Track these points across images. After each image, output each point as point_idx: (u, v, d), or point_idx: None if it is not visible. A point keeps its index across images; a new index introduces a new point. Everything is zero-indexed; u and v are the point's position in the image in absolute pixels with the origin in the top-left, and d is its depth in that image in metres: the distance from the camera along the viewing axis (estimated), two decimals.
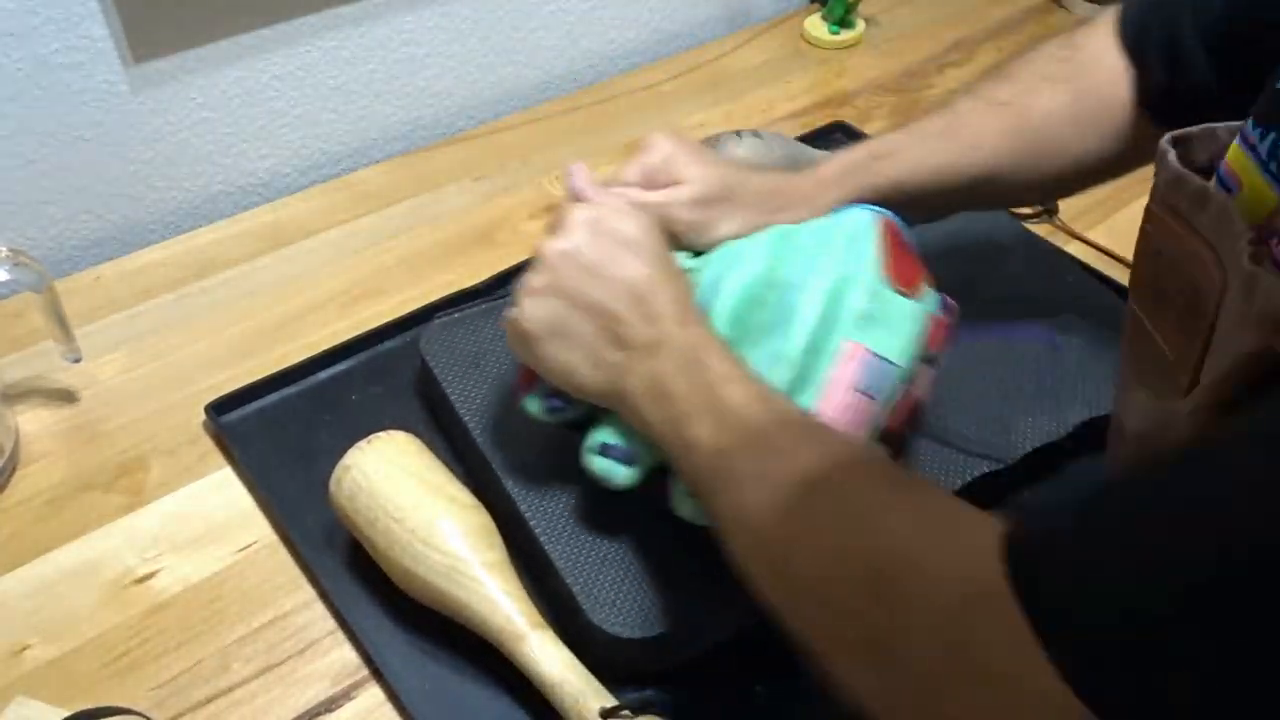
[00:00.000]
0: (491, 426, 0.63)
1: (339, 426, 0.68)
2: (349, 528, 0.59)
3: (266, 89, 0.87)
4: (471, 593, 0.54)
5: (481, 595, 0.54)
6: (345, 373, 0.73)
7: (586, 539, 0.57)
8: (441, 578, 0.54)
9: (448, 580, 0.54)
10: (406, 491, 0.57)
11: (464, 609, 0.54)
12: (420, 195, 0.89)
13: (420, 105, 0.97)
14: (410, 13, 0.92)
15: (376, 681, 0.57)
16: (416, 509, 0.56)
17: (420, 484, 0.57)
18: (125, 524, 0.64)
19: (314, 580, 0.61)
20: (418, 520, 0.56)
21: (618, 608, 0.55)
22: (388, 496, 0.57)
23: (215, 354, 0.75)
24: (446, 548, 0.55)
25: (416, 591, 0.56)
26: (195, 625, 0.59)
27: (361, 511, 0.57)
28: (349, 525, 0.59)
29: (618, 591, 0.55)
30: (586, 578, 0.56)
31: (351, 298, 0.79)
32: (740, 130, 0.82)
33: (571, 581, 0.56)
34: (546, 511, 0.59)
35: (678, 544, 0.57)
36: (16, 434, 0.68)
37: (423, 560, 0.55)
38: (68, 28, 0.75)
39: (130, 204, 0.85)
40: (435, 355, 0.67)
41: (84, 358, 0.71)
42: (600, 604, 0.55)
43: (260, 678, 0.57)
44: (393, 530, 0.56)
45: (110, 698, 0.56)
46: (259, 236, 0.85)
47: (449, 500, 0.57)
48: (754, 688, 0.56)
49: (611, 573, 0.56)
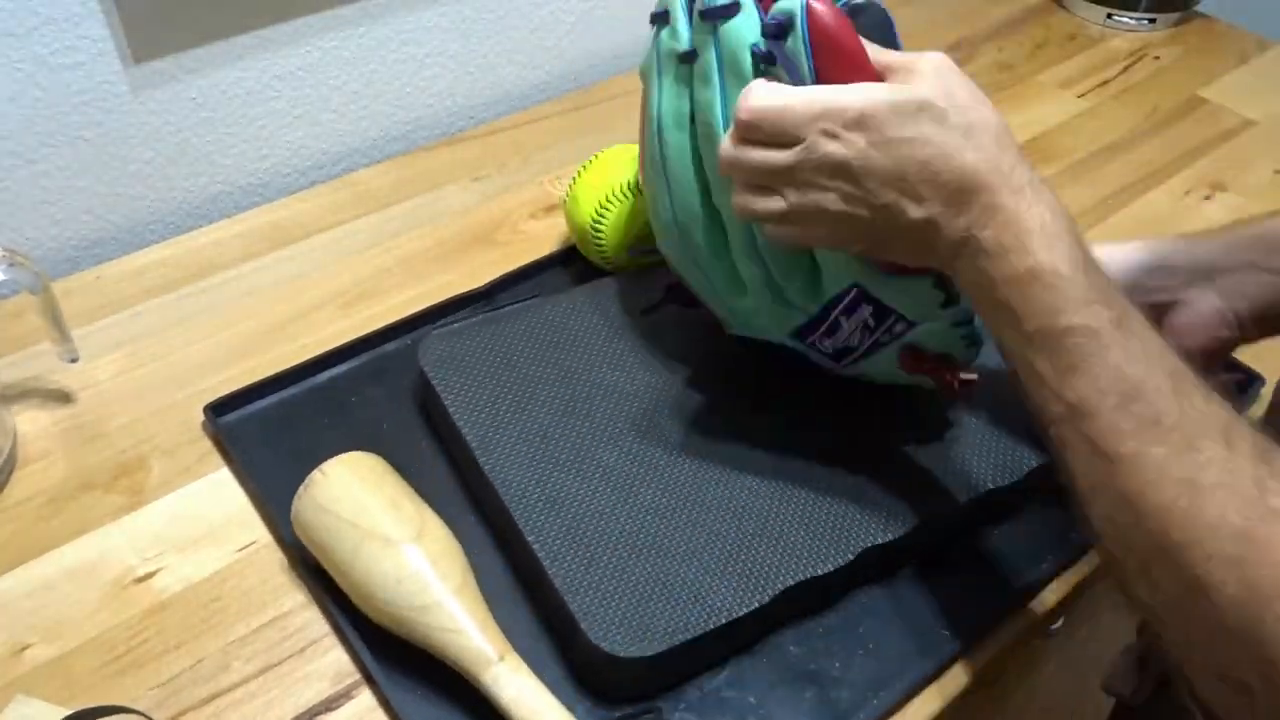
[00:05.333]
0: (491, 441, 0.62)
1: (338, 428, 0.68)
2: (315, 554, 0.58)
3: (266, 89, 0.87)
4: (431, 625, 0.53)
5: (443, 626, 0.53)
6: (345, 374, 0.72)
7: (585, 557, 0.57)
8: (402, 608, 0.53)
9: (409, 610, 0.53)
10: (362, 519, 0.56)
11: (426, 640, 0.53)
12: (420, 195, 0.89)
13: (420, 105, 0.97)
14: (410, 13, 0.92)
15: (368, 686, 0.57)
16: (368, 541, 0.55)
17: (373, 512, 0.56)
18: (125, 524, 0.64)
19: (308, 586, 0.61)
20: (372, 551, 0.54)
21: (616, 626, 0.54)
22: (338, 530, 0.56)
23: (215, 354, 0.75)
24: (404, 576, 0.54)
25: (384, 623, 0.55)
26: (195, 625, 0.59)
27: (317, 544, 0.57)
28: (314, 552, 0.58)
29: (616, 610, 0.54)
30: (585, 596, 0.55)
31: (351, 298, 0.79)
32: None
33: (570, 599, 0.55)
34: (545, 529, 0.58)
35: (679, 562, 0.57)
36: (15, 434, 0.68)
37: (380, 589, 0.54)
38: (68, 28, 0.75)
39: (130, 204, 0.85)
40: (434, 366, 0.67)
41: (84, 358, 0.71)
42: (599, 622, 0.54)
43: (260, 678, 0.57)
44: (352, 562, 0.55)
45: (110, 697, 0.56)
46: (259, 236, 0.85)
47: (405, 526, 0.55)
48: (749, 699, 0.56)
49: (610, 591, 0.55)
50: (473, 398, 0.65)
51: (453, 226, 0.86)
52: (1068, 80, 1.07)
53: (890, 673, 0.57)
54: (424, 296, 0.79)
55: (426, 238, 0.85)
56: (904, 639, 0.59)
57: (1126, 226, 0.88)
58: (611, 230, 0.74)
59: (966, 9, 1.17)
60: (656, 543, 0.58)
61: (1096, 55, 1.11)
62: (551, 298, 0.72)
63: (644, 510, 0.59)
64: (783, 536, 0.58)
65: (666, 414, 0.64)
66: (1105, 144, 0.98)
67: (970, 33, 1.14)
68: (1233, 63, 1.10)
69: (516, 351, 0.67)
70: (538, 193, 0.90)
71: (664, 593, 0.55)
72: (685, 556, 0.57)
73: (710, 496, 0.60)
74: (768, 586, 0.56)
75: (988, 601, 0.61)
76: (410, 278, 0.81)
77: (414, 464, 0.64)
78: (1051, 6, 1.19)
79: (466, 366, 0.67)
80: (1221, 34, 1.15)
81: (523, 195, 0.90)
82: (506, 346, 0.68)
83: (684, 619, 0.54)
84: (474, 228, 0.86)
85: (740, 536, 0.58)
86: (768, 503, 0.60)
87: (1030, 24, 1.16)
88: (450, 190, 0.90)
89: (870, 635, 0.59)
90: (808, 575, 0.57)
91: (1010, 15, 1.17)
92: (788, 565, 0.57)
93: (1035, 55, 1.11)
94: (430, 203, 0.89)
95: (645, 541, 0.58)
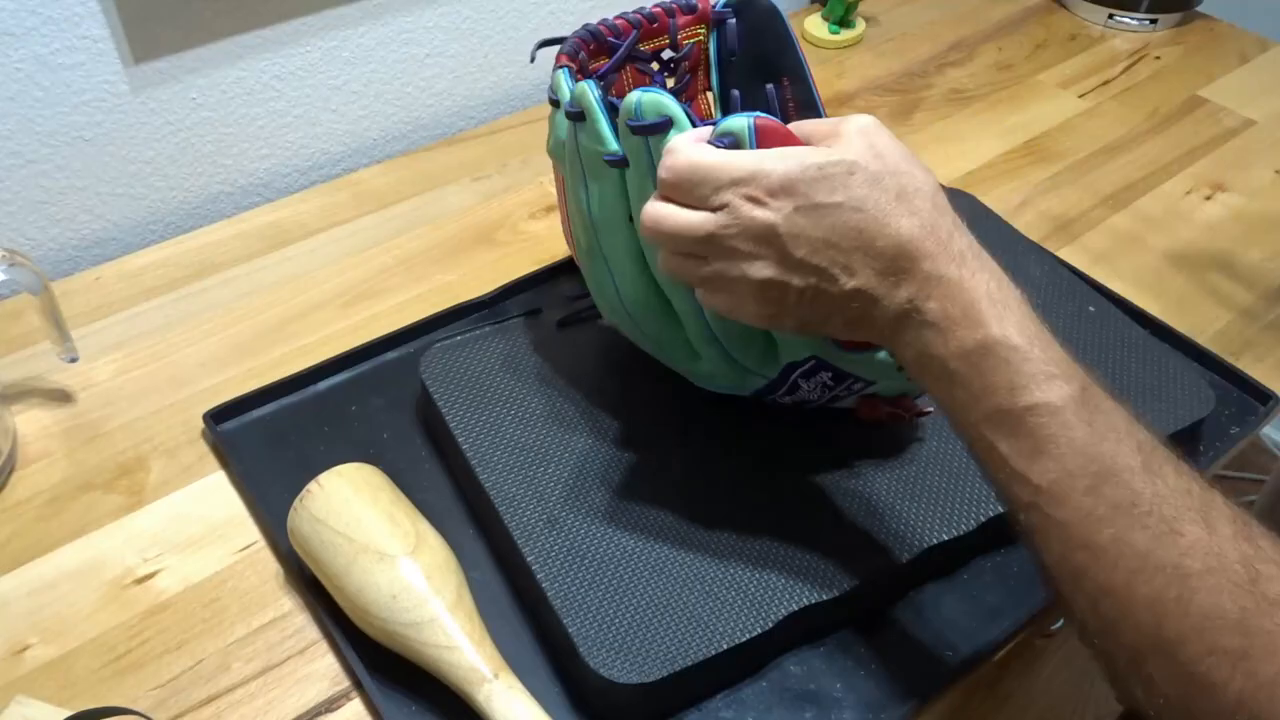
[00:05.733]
0: (491, 458, 0.62)
1: (338, 437, 0.68)
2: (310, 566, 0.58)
3: (266, 89, 0.87)
4: (425, 642, 0.52)
5: (437, 642, 0.52)
6: (346, 383, 0.72)
7: (585, 579, 0.56)
8: (396, 624, 0.53)
9: (402, 625, 0.53)
10: (357, 532, 0.55)
11: (420, 656, 0.53)
12: (420, 195, 0.89)
13: (420, 105, 0.97)
14: (410, 13, 0.92)
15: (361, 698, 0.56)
16: (362, 555, 0.54)
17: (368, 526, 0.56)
18: (125, 524, 0.64)
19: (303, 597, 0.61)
20: (367, 565, 0.54)
21: (616, 651, 0.53)
22: (333, 543, 0.55)
23: (215, 354, 0.75)
24: (398, 591, 0.53)
25: (378, 638, 0.55)
26: (195, 625, 0.59)
27: (312, 556, 0.57)
28: (309, 564, 0.58)
29: (616, 634, 0.54)
30: (584, 619, 0.54)
31: (351, 298, 0.79)
32: None
33: (569, 623, 0.54)
34: (545, 549, 0.57)
35: (680, 585, 0.56)
36: (15, 434, 0.68)
37: (374, 604, 0.53)
38: (68, 28, 0.75)
39: (130, 204, 0.85)
40: (436, 379, 0.66)
41: (84, 358, 0.71)
42: (598, 647, 0.53)
43: (260, 678, 0.57)
44: (346, 575, 0.55)
45: (110, 698, 0.56)
46: (259, 236, 0.85)
47: (401, 540, 0.55)
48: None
49: (610, 614, 0.54)
50: (474, 412, 0.64)
51: (453, 226, 0.86)
52: (1068, 80, 1.07)
53: (891, 693, 0.56)
54: (424, 297, 0.79)
55: (426, 238, 0.85)
56: (905, 659, 0.58)
57: (1126, 226, 0.88)
58: None
59: (966, 9, 1.17)
60: (658, 564, 0.57)
61: (1097, 55, 1.11)
62: (554, 311, 0.72)
63: (646, 531, 0.58)
64: (787, 560, 0.57)
65: (670, 433, 0.64)
66: (1105, 144, 0.98)
67: (970, 33, 1.14)
68: (1233, 63, 1.10)
69: (518, 366, 0.67)
70: (538, 193, 0.90)
71: (665, 617, 0.54)
72: (687, 580, 0.56)
73: (714, 517, 0.59)
74: (771, 612, 0.55)
75: (991, 621, 0.59)
76: (410, 278, 0.81)
77: (413, 475, 0.64)
78: (1052, 6, 1.19)
79: (468, 380, 0.66)
80: (1222, 34, 1.15)
81: (523, 195, 0.90)
82: (508, 361, 0.67)
83: (684, 645, 0.53)
84: (474, 228, 0.86)
85: (744, 559, 0.57)
86: (773, 525, 0.59)
87: (1030, 24, 1.16)
88: (450, 190, 0.90)
89: (871, 656, 0.58)
90: (812, 600, 0.55)
91: (1010, 15, 1.17)
92: (792, 590, 0.56)
93: (1035, 55, 1.11)
94: (430, 203, 0.89)
95: (647, 563, 0.57)
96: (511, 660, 0.53)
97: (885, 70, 1.07)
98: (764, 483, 0.61)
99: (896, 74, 1.07)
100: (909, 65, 1.08)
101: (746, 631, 0.54)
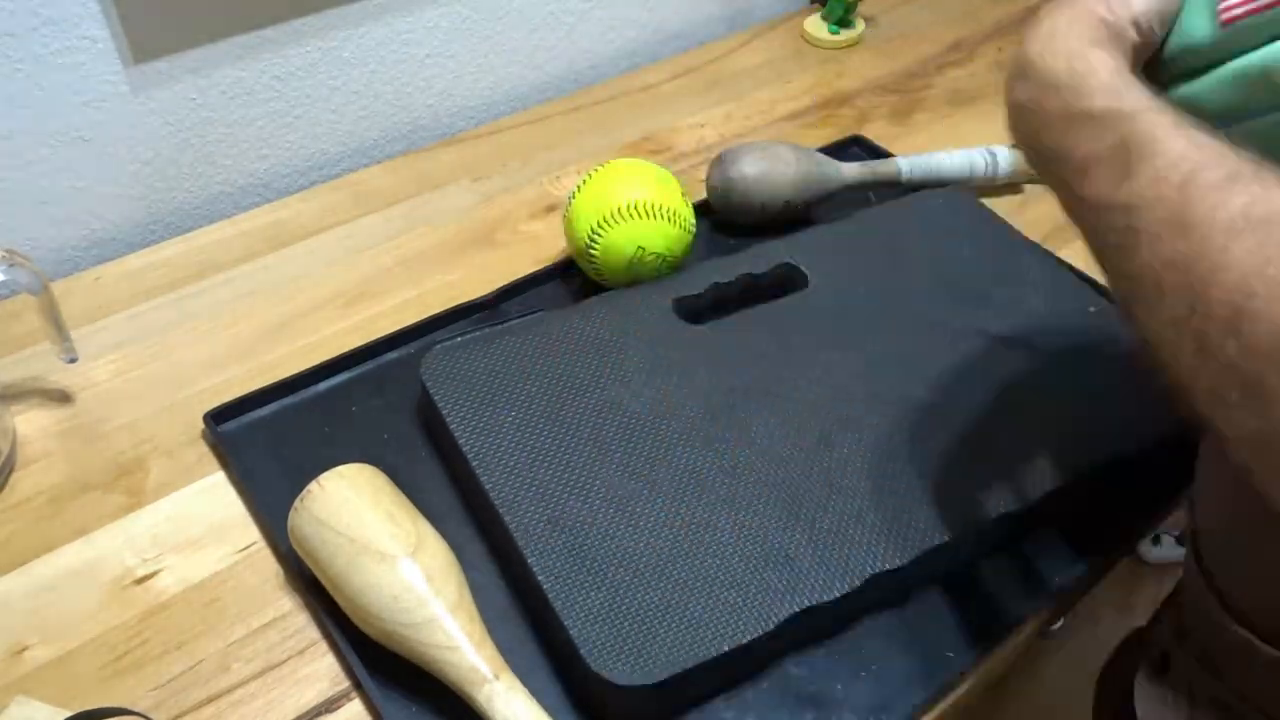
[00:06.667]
0: (492, 459, 0.62)
1: (338, 438, 0.68)
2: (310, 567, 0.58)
3: (266, 89, 0.87)
4: (425, 642, 0.52)
5: (438, 643, 0.52)
6: (346, 384, 0.72)
7: (587, 580, 0.56)
8: (396, 624, 0.53)
9: (403, 626, 0.53)
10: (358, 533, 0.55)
11: (421, 656, 0.53)
12: (420, 195, 0.89)
13: (420, 105, 0.97)
14: (410, 13, 0.92)
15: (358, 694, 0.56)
16: (363, 555, 0.54)
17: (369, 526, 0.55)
18: (125, 524, 0.64)
19: (303, 598, 0.61)
20: (367, 566, 0.54)
21: (617, 653, 0.53)
22: (334, 544, 0.55)
23: (215, 354, 0.75)
24: (399, 592, 0.53)
25: (379, 638, 0.55)
26: (195, 625, 0.59)
27: (313, 557, 0.57)
28: (309, 565, 0.58)
29: (617, 635, 0.53)
30: (585, 621, 0.54)
31: (351, 298, 0.79)
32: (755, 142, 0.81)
33: (570, 624, 0.54)
34: (546, 550, 0.57)
35: (682, 586, 0.56)
36: (14, 434, 0.68)
37: (375, 604, 0.53)
38: (68, 28, 0.75)
39: (130, 204, 0.85)
40: (436, 381, 0.66)
41: (83, 358, 0.71)
42: (599, 649, 0.53)
43: (260, 678, 0.57)
44: (347, 576, 0.54)
45: (110, 698, 0.56)
46: (259, 236, 0.85)
47: (401, 541, 0.55)
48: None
49: (612, 616, 0.54)
50: (475, 414, 0.64)
51: (453, 227, 0.86)
52: None
53: (893, 695, 0.56)
54: (424, 297, 0.79)
55: (426, 238, 0.85)
56: (907, 661, 0.57)
57: None
58: (604, 253, 0.73)
59: (966, 9, 1.17)
60: (660, 566, 0.56)
61: None
62: (556, 312, 0.72)
63: (647, 532, 0.58)
64: (789, 561, 0.57)
65: (672, 434, 0.63)
66: None
67: (970, 33, 1.14)
68: None
69: (520, 367, 0.67)
70: (538, 193, 0.90)
71: (666, 618, 0.54)
72: (689, 581, 0.56)
73: (715, 518, 0.59)
74: (773, 613, 0.54)
75: (992, 624, 0.59)
76: (410, 278, 0.81)
77: (414, 476, 0.64)
78: None
79: (469, 382, 0.66)
80: None
81: (523, 195, 0.90)
82: (510, 362, 0.67)
83: (685, 646, 0.53)
84: (474, 228, 0.86)
85: (746, 561, 0.57)
86: (774, 526, 0.58)
87: None
88: (450, 190, 0.90)
89: (873, 657, 0.58)
90: (815, 602, 0.55)
91: (1010, 15, 1.17)
92: (794, 591, 0.55)
93: None
94: (430, 203, 0.89)
95: (648, 565, 0.56)
96: (512, 661, 0.53)
97: (885, 70, 1.07)
98: (768, 483, 0.61)
99: (896, 74, 1.07)
100: (909, 65, 1.08)
101: (748, 632, 0.54)
